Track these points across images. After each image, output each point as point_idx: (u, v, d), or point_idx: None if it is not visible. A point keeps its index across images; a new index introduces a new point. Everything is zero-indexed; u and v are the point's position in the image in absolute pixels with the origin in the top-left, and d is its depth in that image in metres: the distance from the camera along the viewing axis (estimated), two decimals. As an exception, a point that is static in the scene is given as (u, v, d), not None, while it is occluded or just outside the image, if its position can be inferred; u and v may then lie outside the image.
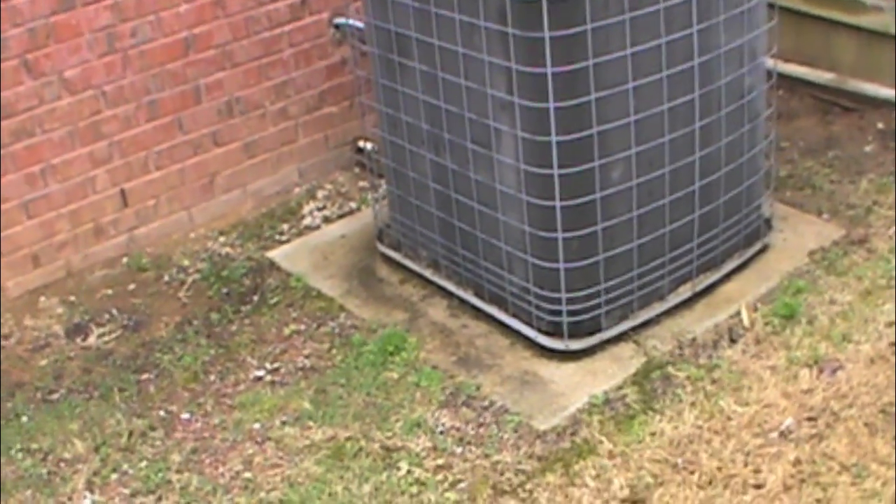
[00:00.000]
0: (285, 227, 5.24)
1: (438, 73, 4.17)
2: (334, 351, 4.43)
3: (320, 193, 5.45)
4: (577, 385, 4.14)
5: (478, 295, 4.48)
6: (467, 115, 4.12)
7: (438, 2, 4.04)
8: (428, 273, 4.67)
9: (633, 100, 3.94)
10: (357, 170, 5.56)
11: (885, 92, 5.42)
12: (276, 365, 4.39)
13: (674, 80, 4.02)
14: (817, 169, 5.21)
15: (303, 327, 4.58)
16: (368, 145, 5.42)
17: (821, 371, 4.07)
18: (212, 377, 4.38)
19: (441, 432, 4.00)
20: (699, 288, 4.43)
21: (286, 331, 4.57)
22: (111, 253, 5.08)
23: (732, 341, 4.27)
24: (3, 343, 4.68)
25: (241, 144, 5.27)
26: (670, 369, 4.16)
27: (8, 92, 4.65)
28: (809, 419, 3.88)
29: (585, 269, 4.10)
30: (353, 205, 5.35)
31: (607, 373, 4.18)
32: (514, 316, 4.34)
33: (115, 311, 4.79)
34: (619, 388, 4.10)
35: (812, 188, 5.05)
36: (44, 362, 4.57)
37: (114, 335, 4.67)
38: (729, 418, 3.92)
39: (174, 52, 4.96)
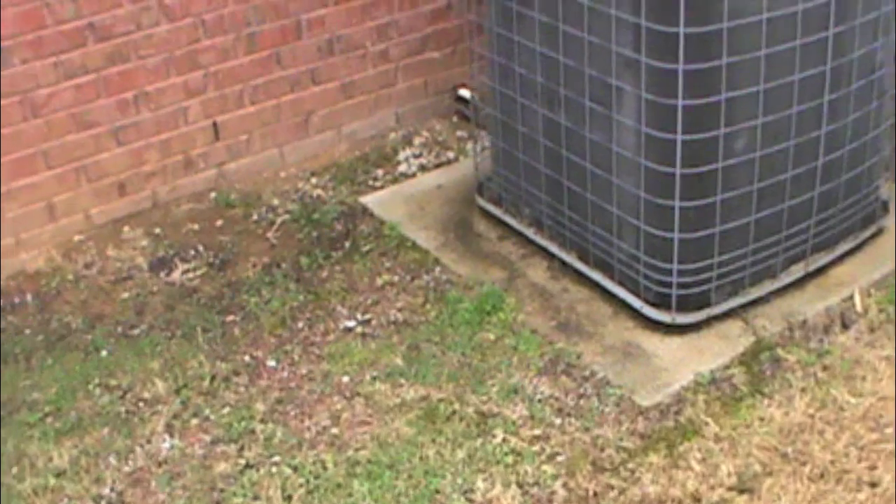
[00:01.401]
0: (379, 172, 5.09)
1: (560, 24, 3.98)
2: (428, 306, 4.29)
3: (417, 140, 5.29)
4: (682, 361, 3.98)
5: (581, 259, 4.32)
6: (587, 71, 3.94)
7: (567, -51, 3.87)
8: (529, 232, 4.51)
9: (764, 68, 3.74)
10: (455, 119, 5.40)
11: None
12: (367, 316, 4.26)
13: (807, 50, 3.81)
14: (933, 152, 4.98)
15: (396, 279, 4.44)
16: (469, 94, 5.27)
17: (939, 364, 3.90)
18: (300, 324, 4.25)
19: (539, 401, 3.85)
20: (812, 268, 4.25)
21: (379, 281, 4.43)
22: (199, 187, 4.96)
23: (845, 327, 4.09)
24: (84, 273, 4.58)
25: (339, 84, 5.11)
26: (780, 352, 3.98)
27: (105, 14, 4.52)
28: (927, 414, 3.72)
29: (699, 240, 3.93)
30: (450, 155, 5.19)
31: (714, 350, 4.01)
32: (620, 284, 4.18)
33: (200, 248, 4.68)
34: (727, 367, 3.94)
35: (929, 171, 4.84)
36: (125, 295, 4.47)
37: (199, 272, 4.55)
38: (842, 409, 3.75)
39: (277, -16, 4.82)
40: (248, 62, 4.86)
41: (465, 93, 5.30)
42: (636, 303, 4.13)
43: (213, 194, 4.98)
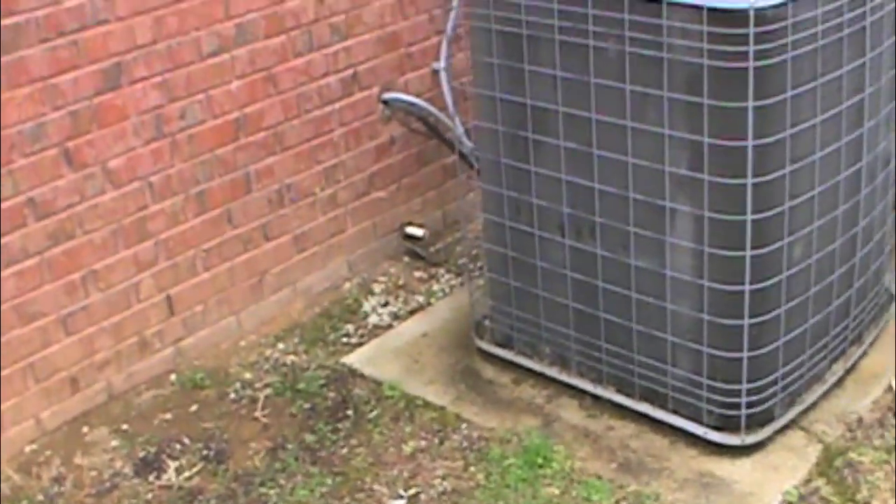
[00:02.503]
0: (350, 327, 4.84)
1: (594, 150, 3.92)
2: (472, 469, 4.07)
3: (376, 287, 5.08)
4: (763, 482, 3.94)
5: (622, 392, 4.23)
6: (632, 195, 3.90)
7: (601, 71, 3.82)
8: (553, 371, 4.38)
9: (818, 171, 3.83)
10: (407, 259, 5.22)
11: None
12: (412, 490, 3.98)
13: (849, 148, 3.94)
14: (892, 234, 5.21)
15: (424, 444, 4.19)
16: (420, 231, 5.14)
17: None
18: (343, 511, 3.95)
19: (642, 549, 3.73)
20: (849, 364, 4.34)
21: (406, 449, 4.17)
22: (157, 369, 4.57)
23: (898, 418, 4.20)
24: (56, 490, 4.08)
25: (291, 237, 4.87)
26: (852, 455, 4.02)
27: (46, 187, 4.13)
28: None
29: (766, 356, 3.94)
30: (419, 299, 5.01)
31: (788, 466, 4.00)
32: (674, 412, 4.12)
33: (186, 440, 4.27)
34: (808, 481, 3.93)
35: (898, 253, 5.06)
36: (119, 509, 4.03)
37: (195, 469, 4.15)
38: (939, 502, 3.83)
39: (224, 136, 4.55)
40: (199, 224, 4.55)
41: (414, 230, 5.17)
42: (698, 429, 4.07)
43: (172, 376, 4.58)
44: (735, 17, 3.49)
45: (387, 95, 5.00)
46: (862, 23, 3.79)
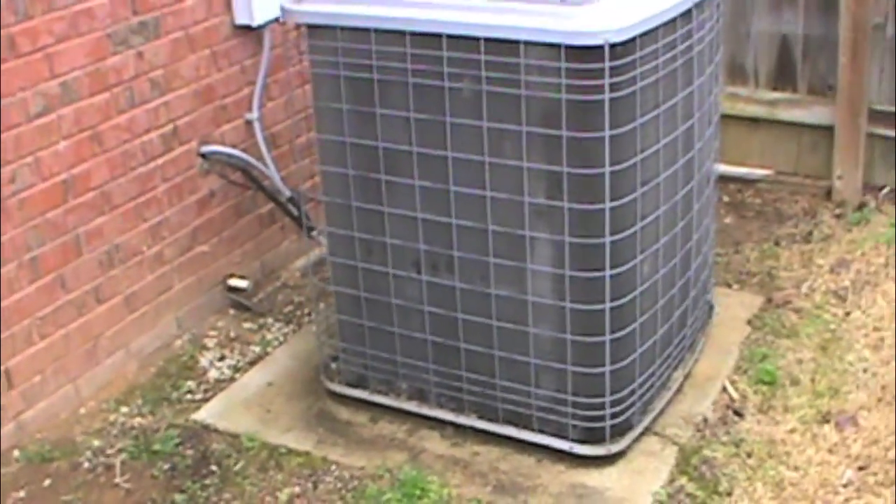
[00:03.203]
0: (191, 384, 4.88)
1: (451, 187, 4.16)
2: (353, 509, 4.24)
3: (209, 342, 5.14)
4: (633, 487, 4.28)
5: (484, 418, 4.48)
6: (490, 227, 4.16)
7: (457, 111, 4.07)
8: (411, 405, 4.58)
9: (662, 192, 4.21)
10: (232, 311, 5.30)
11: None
12: (297, 538, 4.12)
13: (684, 169, 4.35)
14: (695, 245, 5.69)
15: (298, 489, 4.30)
16: (243, 283, 5.24)
17: (838, 424, 4.54)
18: (231, 568, 4.02)
19: (535, 566, 3.98)
20: (687, 370, 4.76)
21: (282, 497, 4.27)
22: (-1, 448, 4.48)
23: (738, 415, 4.62)
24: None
25: (122, 298, 4.87)
26: (705, 452, 4.42)
27: None
28: (861, 468, 4.31)
29: (625, 369, 4.29)
30: (255, 349, 5.10)
31: (651, 469, 4.36)
32: (539, 431, 4.40)
33: (48, 517, 4.23)
34: (672, 481, 4.30)
35: (703, 263, 5.54)
36: None
37: (64, 546, 4.13)
38: (793, 485, 4.26)
39: (54, 199, 4.52)
40: (33, 291, 4.50)
41: (237, 282, 5.27)
42: (564, 445, 4.37)
43: (16, 452, 4.49)
44: (591, 53, 3.82)
45: (204, 149, 5.08)
46: (691, 53, 4.21)
